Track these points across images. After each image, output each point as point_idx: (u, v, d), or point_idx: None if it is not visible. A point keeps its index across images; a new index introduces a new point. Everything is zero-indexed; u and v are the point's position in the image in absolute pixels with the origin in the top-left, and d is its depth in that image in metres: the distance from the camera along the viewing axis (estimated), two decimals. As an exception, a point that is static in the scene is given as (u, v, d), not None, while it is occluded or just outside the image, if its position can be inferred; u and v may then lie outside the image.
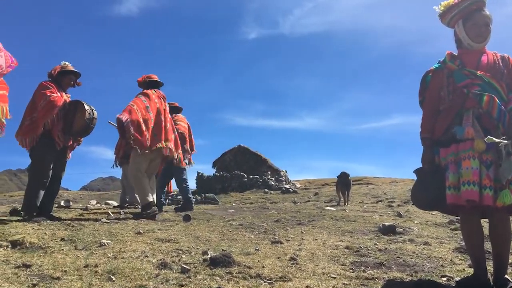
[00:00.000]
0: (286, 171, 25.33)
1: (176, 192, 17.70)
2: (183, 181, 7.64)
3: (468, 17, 2.70)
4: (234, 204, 12.53)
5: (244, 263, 2.97)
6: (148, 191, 5.60)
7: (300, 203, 11.94)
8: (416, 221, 5.94)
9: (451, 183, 2.53)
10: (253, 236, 4.41)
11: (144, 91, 5.84)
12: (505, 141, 2.40)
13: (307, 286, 2.52)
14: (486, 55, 2.72)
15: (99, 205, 10.20)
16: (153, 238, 3.88)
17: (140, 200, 5.78)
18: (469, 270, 3.00)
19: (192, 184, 23.85)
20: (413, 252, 3.70)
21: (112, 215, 5.94)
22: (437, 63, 2.85)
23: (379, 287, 2.62)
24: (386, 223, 5.15)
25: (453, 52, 2.81)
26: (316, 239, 4.29)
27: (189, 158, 7.80)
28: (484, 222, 2.75)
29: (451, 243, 4.22)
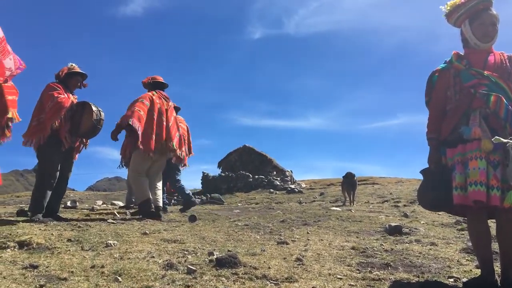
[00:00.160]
0: (291, 171, 25.35)
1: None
2: (177, 181, 7.68)
3: (474, 16, 2.68)
4: (239, 204, 12.54)
5: (250, 264, 2.97)
6: (145, 190, 5.69)
7: (306, 203, 11.93)
8: (422, 222, 5.92)
9: (458, 184, 2.51)
10: (258, 237, 4.41)
11: (145, 94, 5.89)
12: (513, 141, 2.39)
13: (313, 287, 2.52)
14: (493, 55, 2.70)
15: (105, 205, 10.25)
16: (159, 239, 3.89)
17: (137, 197, 5.90)
18: (476, 271, 2.98)
19: (197, 184, 23.90)
20: (420, 253, 3.69)
21: (118, 215, 5.96)
22: (443, 63, 2.83)
23: (386, 288, 2.61)
24: (392, 223, 5.14)
25: (459, 52, 2.79)
26: (322, 240, 4.28)
27: (185, 161, 7.81)
28: (491, 223, 2.73)
29: (458, 243, 4.19)
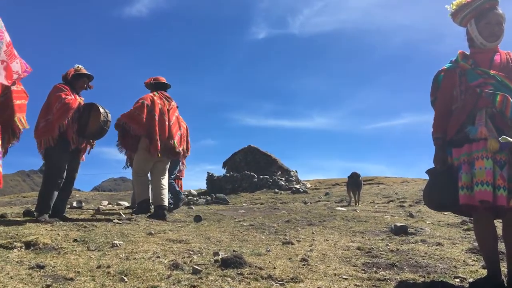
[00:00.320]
0: (296, 171, 25.33)
1: (187, 193, 17.77)
2: (169, 177, 7.67)
3: (480, 16, 2.67)
4: (244, 204, 12.55)
5: (255, 264, 2.97)
6: (144, 191, 5.82)
7: (311, 203, 11.91)
8: (428, 222, 5.90)
9: (464, 183, 2.50)
10: (264, 237, 4.41)
11: (145, 95, 5.94)
12: (519, 141, 2.37)
13: (318, 287, 2.52)
14: (499, 54, 2.69)
15: (110, 205, 10.28)
16: (165, 239, 3.90)
17: (136, 197, 6.07)
18: (483, 271, 2.96)
19: (202, 184, 23.94)
20: (426, 253, 3.67)
21: (124, 215, 5.98)
22: (449, 63, 2.82)
23: (391, 289, 2.60)
24: (397, 223, 5.12)
25: (465, 52, 2.78)
26: (327, 240, 4.28)
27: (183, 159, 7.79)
28: (497, 223, 2.71)
29: (464, 243, 4.17)
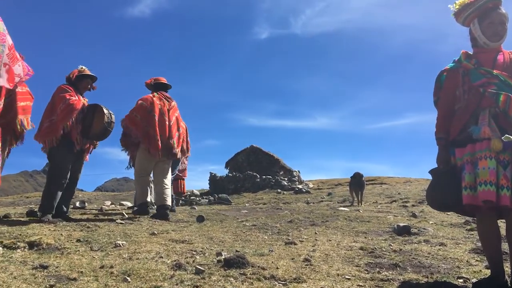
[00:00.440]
0: (299, 171, 25.31)
1: (189, 193, 17.78)
2: None
3: (483, 15, 2.66)
4: (247, 204, 12.55)
5: (258, 264, 2.97)
6: (144, 194, 5.83)
7: (313, 203, 11.90)
8: (431, 222, 5.88)
9: (467, 184, 2.50)
10: (266, 237, 4.41)
11: (145, 96, 5.97)
12: (523, 140, 2.36)
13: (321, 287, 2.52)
14: (502, 54, 2.68)
15: (113, 206, 10.30)
16: (167, 239, 3.91)
17: (137, 198, 6.07)
18: (486, 271, 2.95)
19: (205, 184, 23.96)
20: (429, 253, 3.66)
21: (127, 215, 5.99)
22: (452, 62, 2.81)
23: (395, 289, 2.60)
24: (400, 223, 5.11)
25: (468, 51, 2.78)
26: (330, 240, 4.27)
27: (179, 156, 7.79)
28: (501, 223, 2.71)
29: (467, 243, 4.16)
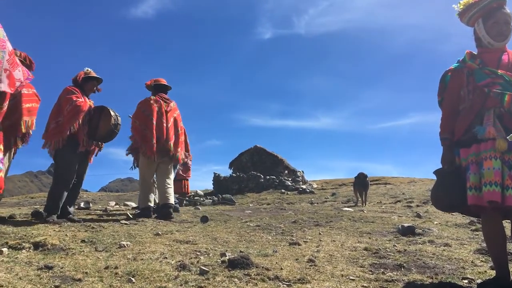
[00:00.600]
0: (302, 171, 25.31)
1: (193, 193, 17.81)
2: None
3: (488, 15, 2.65)
4: (251, 205, 12.55)
5: (262, 265, 2.97)
6: (147, 198, 5.93)
7: (317, 203, 11.89)
8: (435, 222, 5.86)
9: (472, 184, 2.49)
10: (270, 238, 4.41)
11: (144, 100, 6.06)
12: (528, 140, 2.35)
13: (325, 288, 2.52)
14: (507, 53, 2.67)
15: (118, 206, 10.33)
16: (172, 240, 3.91)
17: (140, 203, 6.24)
18: (491, 272, 2.94)
19: (209, 185, 23.98)
20: (433, 254, 3.65)
21: (131, 216, 6.01)
22: (456, 63, 2.80)
23: (399, 290, 2.59)
24: (405, 224, 5.09)
25: (472, 51, 2.77)
26: (334, 241, 4.27)
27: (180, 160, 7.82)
28: (506, 223, 2.69)
29: (472, 244, 4.14)
